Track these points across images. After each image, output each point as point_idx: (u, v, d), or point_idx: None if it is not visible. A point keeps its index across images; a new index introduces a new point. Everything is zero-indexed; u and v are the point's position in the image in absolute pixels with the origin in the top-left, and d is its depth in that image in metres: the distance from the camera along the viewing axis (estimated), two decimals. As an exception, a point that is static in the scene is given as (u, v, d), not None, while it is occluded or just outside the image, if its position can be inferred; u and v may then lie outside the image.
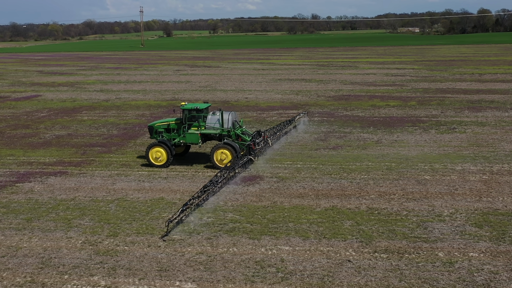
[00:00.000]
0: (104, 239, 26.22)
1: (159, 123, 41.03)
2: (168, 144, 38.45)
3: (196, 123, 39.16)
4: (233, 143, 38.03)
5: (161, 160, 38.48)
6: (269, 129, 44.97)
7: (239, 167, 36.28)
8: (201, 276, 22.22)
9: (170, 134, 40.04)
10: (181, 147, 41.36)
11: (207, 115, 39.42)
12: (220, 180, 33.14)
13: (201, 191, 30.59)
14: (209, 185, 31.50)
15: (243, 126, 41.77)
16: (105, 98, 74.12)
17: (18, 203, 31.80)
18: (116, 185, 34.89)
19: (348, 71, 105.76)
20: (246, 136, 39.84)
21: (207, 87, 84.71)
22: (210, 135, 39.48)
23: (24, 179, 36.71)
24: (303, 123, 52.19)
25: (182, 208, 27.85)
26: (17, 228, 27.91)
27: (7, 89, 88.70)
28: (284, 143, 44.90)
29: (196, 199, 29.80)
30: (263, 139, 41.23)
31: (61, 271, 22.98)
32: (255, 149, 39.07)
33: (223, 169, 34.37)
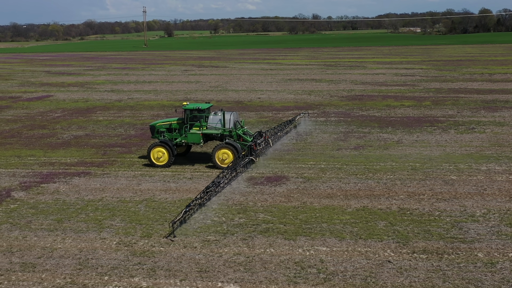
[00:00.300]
0: (139, 240, 26.08)
1: (161, 123, 40.96)
2: (169, 144, 38.53)
3: (197, 123, 39.15)
4: (234, 143, 38.11)
5: (162, 160, 38.54)
6: (270, 129, 44.86)
7: (240, 167, 36.22)
8: (243, 277, 22.09)
9: (171, 134, 40.04)
10: (183, 147, 41.32)
11: (209, 115, 39.43)
12: (222, 181, 33.11)
13: (204, 192, 30.47)
14: (211, 186, 31.48)
15: (245, 126, 41.83)
16: (117, 98, 74.00)
17: (46, 204, 31.67)
18: (141, 186, 34.75)
19: (356, 71, 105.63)
20: (247, 136, 39.88)
21: (218, 87, 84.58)
22: (211, 135, 39.55)
23: (48, 179, 36.58)
24: (304, 123, 51.84)
25: (185, 209, 27.82)
26: (49, 229, 27.77)
27: (17, 89, 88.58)
28: (305, 143, 44.75)
29: (199, 199, 29.76)
30: (264, 139, 41.21)
31: (100, 272, 22.84)
32: (256, 149, 39.02)
33: (225, 169, 34.37)
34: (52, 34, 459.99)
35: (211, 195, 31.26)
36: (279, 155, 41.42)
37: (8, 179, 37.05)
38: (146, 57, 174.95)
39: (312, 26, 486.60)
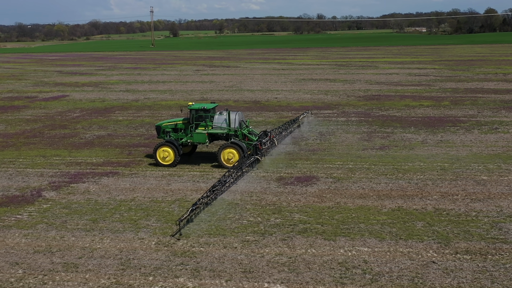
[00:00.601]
0: (177, 241, 26.00)
1: (167, 123, 41.12)
2: (175, 143, 38.67)
3: (203, 123, 39.23)
4: (240, 142, 38.26)
5: (168, 159, 38.68)
6: (275, 129, 44.93)
7: (246, 166, 36.31)
8: (288, 278, 22.00)
9: (177, 134, 40.14)
10: (188, 146, 41.37)
11: (214, 115, 39.54)
12: (229, 180, 33.09)
13: (210, 191, 30.48)
14: (217, 185, 31.47)
15: (250, 126, 41.89)
16: (134, 98, 74.01)
17: (79, 204, 31.64)
18: (172, 186, 34.71)
19: (369, 71, 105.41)
20: (252, 136, 39.94)
21: (233, 87, 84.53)
22: (217, 135, 39.69)
23: (77, 179, 36.57)
24: (308, 122, 51.92)
25: (191, 207, 27.93)
26: (86, 229, 27.74)
27: (32, 89, 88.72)
28: (329, 143, 44.66)
29: (205, 198, 29.74)
30: (269, 139, 41.27)
31: (144, 273, 22.78)
32: (262, 148, 39.10)
33: (231, 168, 34.39)
34: (57, 34, 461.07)
35: (217, 194, 31.22)
36: (305, 155, 41.30)
37: (36, 179, 37.05)
38: (155, 57, 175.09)
39: (317, 26, 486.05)
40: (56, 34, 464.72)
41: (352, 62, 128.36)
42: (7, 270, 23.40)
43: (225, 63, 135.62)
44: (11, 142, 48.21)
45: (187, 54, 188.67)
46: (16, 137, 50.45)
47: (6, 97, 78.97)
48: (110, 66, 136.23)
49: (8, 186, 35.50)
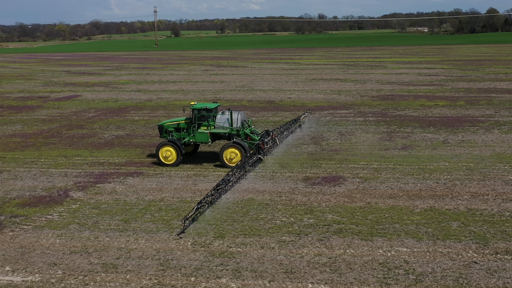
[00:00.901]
0: (213, 241, 25.92)
1: (169, 122, 41.19)
2: (178, 143, 38.84)
3: (205, 122, 39.34)
4: (242, 142, 38.43)
5: (171, 159, 38.88)
6: (276, 128, 45.02)
7: (249, 166, 36.37)
8: (331, 278, 21.91)
9: (179, 133, 40.25)
10: (190, 146, 41.50)
11: (217, 115, 39.62)
12: (232, 179, 33.23)
13: (214, 190, 30.65)
14: (221, 184, 31.63)
15: (252, 125, 41.97)
16: (147, 98, 73.90)
17: (108, 204, 31.55)
18: (198, 186, 34.62)
19: (378, 71, 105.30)
20: (255, 135, 40.03)
21: (244, 87, 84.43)
22: (219, 135, 39.81)
23: (102, 179, 36.48)
24: (308, 122, 51.95)
25: (196, 206, 28.09)
26: (119, 230, 27.65)
27: (43, 89, 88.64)
28: (351, 143, 44.56)
29: (209, 197, 29.88)
30: (271, 138, 41.33)
31: (185, 274, 22.69)
32: (264, 148, 39.17)
33: (234, 168, 34.53)
34: (58, 34, 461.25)
35: (221, 193, 31.33)
36: (328, 155, 41.22)
37: (61, 179, 36.96)
38: (161, 57, 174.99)
39: (318, 26, 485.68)
40: (58, 34, 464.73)
41: (360, 62, 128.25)
42: (46, 271, 23.30)
43: (232, 63, 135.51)
44: (30, 142, 48.12)
45: (192, 54, 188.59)
46: (34, 137, 50.37)
47: (18, 97, 78.88)
48: (117, 66, 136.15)
49: (34, 186, 35.41)
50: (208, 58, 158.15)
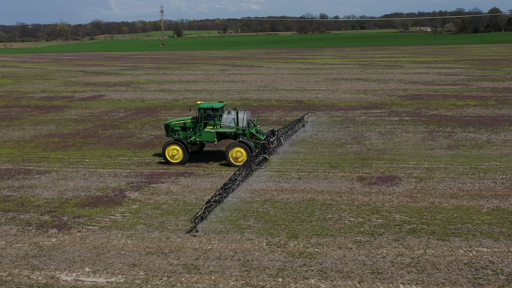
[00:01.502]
0: (287, 241, 25.76)
1: (175, 121, 41.44)
2: (184, 142, 39.15)
3: (212, 121, 39.55)
4: (248, 141, 38.66)
5: (177, 157, 39.21)
6: (281, 128, 45.15)
7: (255, 165, 36.64)
8: (421, 279, 21.73)
9: (186, 132, 40.41)
10: (196, 145, 41.72)
11: (223, 114, 39.84)
12: (239, 178, 33.39)
13: (222, 189, 30.84)
14: (229, 183, 31.80)
15: (257, 125, 42.15)
16: (173, 98, 73.73)
17: (168, 204, 31.40)
18: (254, 186, 34.43)
19: (396, 70, 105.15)
20: (260, 135, 40.25)
21: (267, 86, 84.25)
22: (225, 134, 40.08)
23: (154, 179, 36.32)
24: (311, 122, 52.22)
25: (205, 205, 28.28)
26: (187, 230, 27.42)
27: (64, 89, 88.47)
28: (394, 143, 44.41)
29: (217, 196, 30.05)
30: (277, 138, 41.44)
31: (271, 274, 22.51)
32: (270, 147, 39.37)
33: (241, 167, 34.75)
34: (60, 34, 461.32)
35: (229, 192, 31.52)
36: (375, 155, 41.05)
37: (112, 179, 36.80)
38: (172, 57, 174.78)
39: (321, 26, 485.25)
40: (59, 34, 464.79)
41: (375, 62, 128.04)
42: (128, 272, 23.12)
43: (246, 63, 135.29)
44: (70, 142, 47.97)
45: (202, 54, 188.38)
46: (72, 137, 50.22)
47: (42, 97, 78.73)
48: (131, 66, 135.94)
49: (86, 186, 35.25)
50: (220, 58, 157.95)
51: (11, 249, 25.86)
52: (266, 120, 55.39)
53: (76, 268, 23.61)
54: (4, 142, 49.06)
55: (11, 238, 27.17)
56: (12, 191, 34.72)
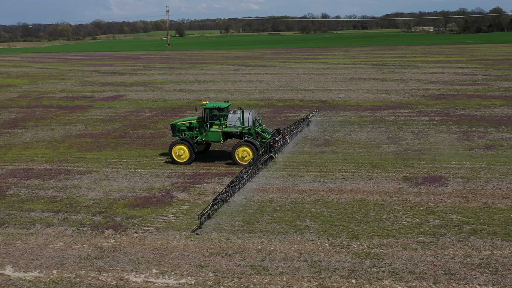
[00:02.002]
0: (350, 242, 25.64)
1: (181, 121, 41.78)
2: (190, 142, 39.46)
3: (217, 121, 39.86)
4: (254, 140, 38.97)
5: (183, 157, 39.53)
6: (286, 127, 45.30)
7: (261, 164, 36.92)
8: (496, 280, 21.65)
9: (192, 132, 40.74)
10: (202, 145, 42.05)
11: (228, 114, 40.12)
12: (245, 176, 33.59)
13: (228, 187, 31.11)
14: (235, 181, 32.04)
15: (263, 124, 42.39)
16: (194, 98, 73.55)
17: (218, 205, 31.12)
18: (300, 186, 34.31)
19: (412, 70, 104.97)
20: (266, 134, 40.61)
21: (286, 86, 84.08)
22: (231, 133, 40.38)
23: (198, 180, 36.21)
24: (315, 121, 52.40)
25: (212, 202, 28.63)
26: (245, 231, 27.47)
27: (82, 89, 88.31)
28: (430, 143, 44.26)
29: (223, 194, 30.34)
30: (282, 137, 41.59)
31: (343, 276, 22.39)
32: (275, 146, 39.56)
33: (247, 166, 34.96)
34: (61, 34, 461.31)
35: (235, 190, 31.75)
36: (415, 155, 40.91)
37: (155, 179, 36.67)
38: (181, 56, 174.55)
39: (322, 26, 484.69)
40: (61, 34, 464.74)
41: (387, 62, 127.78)
42: (197, 273, 22.99)
43: (258, 63, 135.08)
44: (103, 142, 47.86)
45: (211, 53, 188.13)
46: (103, 137, 50.10)
47: (63, 97, 78.59)
48: (143, 65, 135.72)
49: (131, 187, 35.13)
50: (230, 58, 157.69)
51: (71, 250, 25.71)
52: (295, 120, 55.17)
53: (143, 270, 23.47)
54: (36, 142, 48.93)
55: (68, 239, 27.02)
56: (57, 192, 34.59)
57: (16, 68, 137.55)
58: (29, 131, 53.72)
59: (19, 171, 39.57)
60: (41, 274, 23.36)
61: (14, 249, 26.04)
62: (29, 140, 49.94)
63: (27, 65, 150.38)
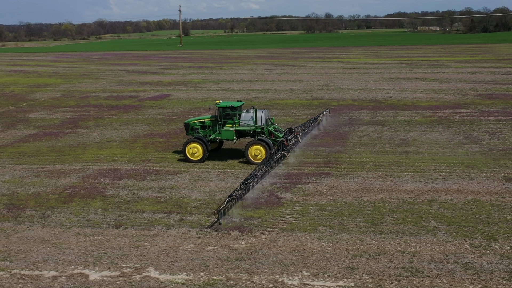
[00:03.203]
0: (488, 243, 25.51)
1: (195, 120, 42.53)
2: (204, 140, 40.04)
3: (231, 120, 40.31)
4: (266, 139, 39.59)
5: (197, 155, 40.06)
6: (298, 126, 45.69)
7: (274, 162, 37.24)
8: None
9: (205, 130, 41.21)
10: (215, 143, 42.59)
11: (241, 113, 40.61)
12: (259, 174, 33.88)
13: (243, 184, 31.42)
14: (249, 178, 32.32)
15: (275, 123, 42.90)
16: (242, 97, 73.04)
17: (331, 206, 31.16)
18: (403, 186, 34.16)
19: (446, 70, 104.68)
20: (278, 133, 41.04)
21: (329, 86, 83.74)
22: (244, 132, 40.96)
23: (295, 180, 35.98)
24: (326, 120, 52.77)
25: (228, 199, 29.05)
26: (374, 231, 27.32)
27: (121, 88, 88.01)
28: (511, 142, 43.97)
29: (238, 191, 30.53)
30: (294, 135, 41.77)
31: (504, 278, 21.97)
32: (288, 145, 39.89)
33: (260, 164, 35.23)
34: (65, 34, 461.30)
35: (249, 187, 31.86)
36: (504, 155, 40.59)
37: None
38: (201, 56, 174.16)
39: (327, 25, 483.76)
40: (64, 33, 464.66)
41: (415, 61, 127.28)
42: (350, 275, 22.71)
43: (285, 62, 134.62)
44: (176, 142, 47.76)
45: (230, 53, 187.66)
46: (175, 137, 50.01)
47: (108, 96, 78.30)
48: (169, 65, 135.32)
49: (230, 187, 34.80)
50: (252, 58, 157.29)
51: (206, 252, 25.42)
52: (360, 120, 54.93)
53: (292, 272, 23.21)
54: (107, 142, 48.69)
55: (197, 240, 26.73)
56: (157, 192, 34.33)
57: (41, 67, 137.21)
58: (94, 131, 53.43)
59: (106, 171, 39.27)
60: (189, 276, 23.05)
61: (146, 251, 25.72)
62: (99, 139, 49.65)
63: (50, 64, 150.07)
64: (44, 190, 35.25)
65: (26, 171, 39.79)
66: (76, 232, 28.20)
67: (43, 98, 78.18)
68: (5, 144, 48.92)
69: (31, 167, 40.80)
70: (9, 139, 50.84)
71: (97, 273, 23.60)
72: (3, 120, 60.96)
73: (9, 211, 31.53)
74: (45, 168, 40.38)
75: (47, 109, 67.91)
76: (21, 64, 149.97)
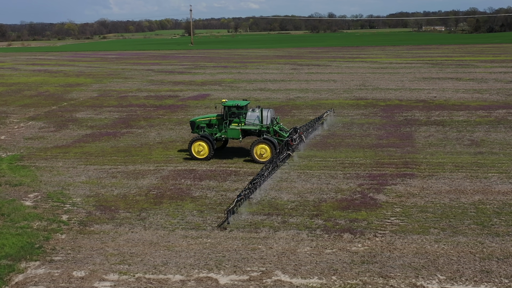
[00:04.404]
0: None
1: (201, 118, 42.94)
2: (210, 138, 40.50)
3: (236, 119, 40.67)
4: (272, 138, 39.86)
5: (203, 153, 40.60)
6: (302, 126, 46.12)
7: (280, 161, 37.60)
8: None
9: (211, 129, 41.60)
10: (220, 141, 42.90)
11: (247, 112, 40.99)
12: (266, 173, 34.31)
13: (251, 183, 31.89)
14: (257, 178, 32.70)
15: (281, 123, 43.53)
16: (284, 97, 72.87)
17: (432, 208, 30.82)
18: (495, 187, 33.96)
19: (476, 70, 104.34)
20: (283, 132, 41.48)
21: (365, 86, 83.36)
22: (250, 131, 41.33)
23: (381, 181, 35.71)
24: (330, 120, 53.47)
25: (236, 198, 29.47)
26: (490, 234, 26.63)
27: (156, 88, 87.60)
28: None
29: (246, 190, 30.99)
30: (299, 135, 42.13)
31: None
32: (293, 144, 40.37)
33: (267, 163, 35.43)
34: (68, 33, 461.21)
35: (257, 186, 32.34)
36: None
37: (335, 181, 36.40)
38: (220, 55, 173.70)
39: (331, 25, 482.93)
40: (67, 33, 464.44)
41: (440, 61, 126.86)
42: (490, 279, 22.18)
43: (308, 62, 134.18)
44: (242, 143, 46.99)
45: (246, 52, 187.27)
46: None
47: (147, 96, 77.91)
48: (193, 65, 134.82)
49: (317, 188, 34.55)
50: (271, 57, 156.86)
51: (326, 255, 25.11)
52: (417, 120, 54.54)
53: (427, 275, 22.98)
54: (169, 142, 48.46)
55: (312, 243, 26.38)
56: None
57: (63, 67, 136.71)
58: (150, 131, 53.06)
59: (183, 172, 38.90)
60: (322, 280, 22.66)
61: (264, 254, 25.33)
62: (159, 140, 49.30)
63: (70, 63, 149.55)
64: (129, 191, 34.84)
65: (100, 172, 39.38)
66: (182, 235, 27.77)
67: (82, 98, 77.77)
68: (66, 144, 48.54)
69: (103, 168, 40.41)
70: (67, 139, 50.44)
71: (224, 277, 23.18)
72: (53, 120, 60.58)
73: (103, 213, 31.12)
74: (118, 169, 39.98)
75: (91, 109, 67.51)
76: (41, 64, 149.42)
